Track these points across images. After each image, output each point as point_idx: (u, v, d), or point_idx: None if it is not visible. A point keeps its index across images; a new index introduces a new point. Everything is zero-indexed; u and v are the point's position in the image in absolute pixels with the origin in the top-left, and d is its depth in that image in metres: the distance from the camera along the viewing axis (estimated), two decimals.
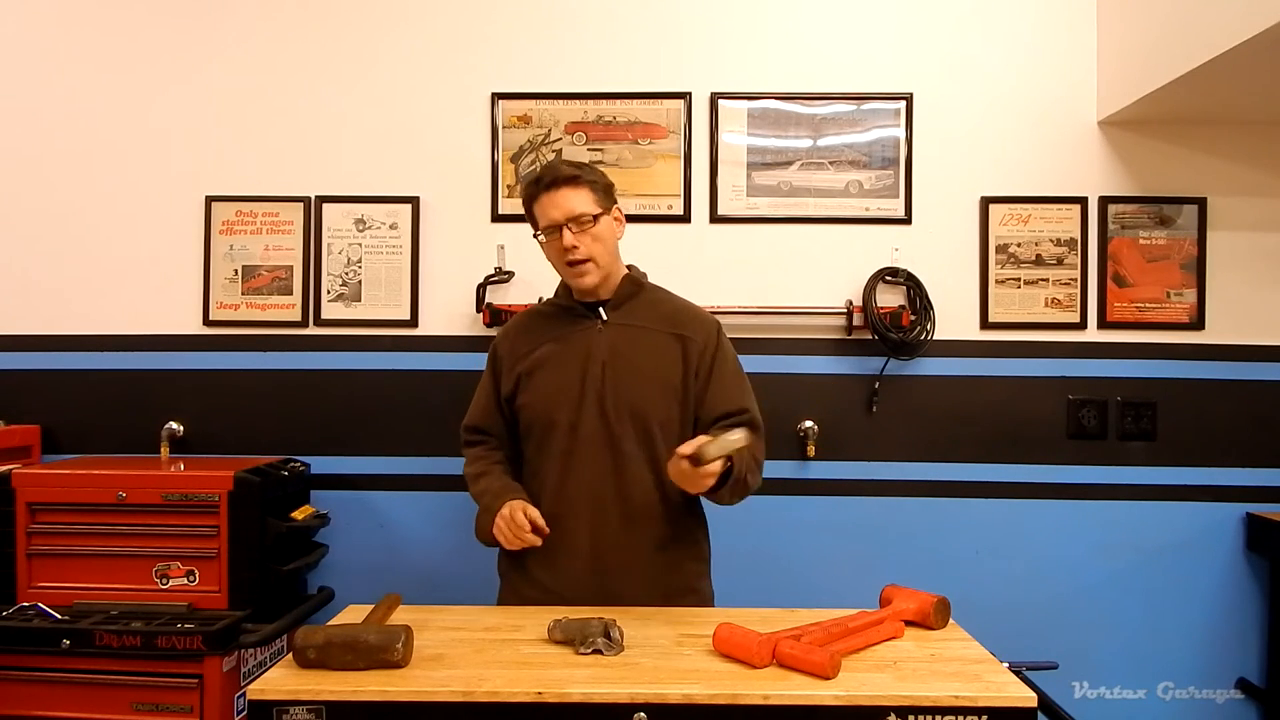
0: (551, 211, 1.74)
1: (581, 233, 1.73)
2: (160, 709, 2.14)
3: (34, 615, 2.18)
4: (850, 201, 2.63)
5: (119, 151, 2.67)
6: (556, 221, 1.73)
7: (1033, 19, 2.62)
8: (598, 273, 1.76)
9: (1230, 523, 2.61)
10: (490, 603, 1.85)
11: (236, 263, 2.66)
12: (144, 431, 2.61)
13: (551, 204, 1.74)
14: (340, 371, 2.64)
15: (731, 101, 2.63)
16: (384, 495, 2.65)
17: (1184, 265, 2.61)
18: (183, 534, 2.25)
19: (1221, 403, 2.60)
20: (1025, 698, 1.28)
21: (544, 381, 1.79)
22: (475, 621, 1.60)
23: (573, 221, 1.72)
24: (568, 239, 1.72)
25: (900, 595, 1.60)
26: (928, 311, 2.57)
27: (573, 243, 1.72)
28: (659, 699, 1.26)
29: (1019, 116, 2.62)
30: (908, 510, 2.61)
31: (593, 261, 1.75)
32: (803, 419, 2.61)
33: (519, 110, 2.64)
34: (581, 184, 1.75)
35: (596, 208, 1.75)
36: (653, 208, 2.60)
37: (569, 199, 1.73)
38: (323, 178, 2.66)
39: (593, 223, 1.74)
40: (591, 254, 1.74)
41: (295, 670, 1.35)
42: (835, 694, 1.27)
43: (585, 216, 1.73)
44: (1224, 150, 2.60)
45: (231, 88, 2.66)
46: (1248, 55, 1.99)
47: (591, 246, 1.74)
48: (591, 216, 1.74)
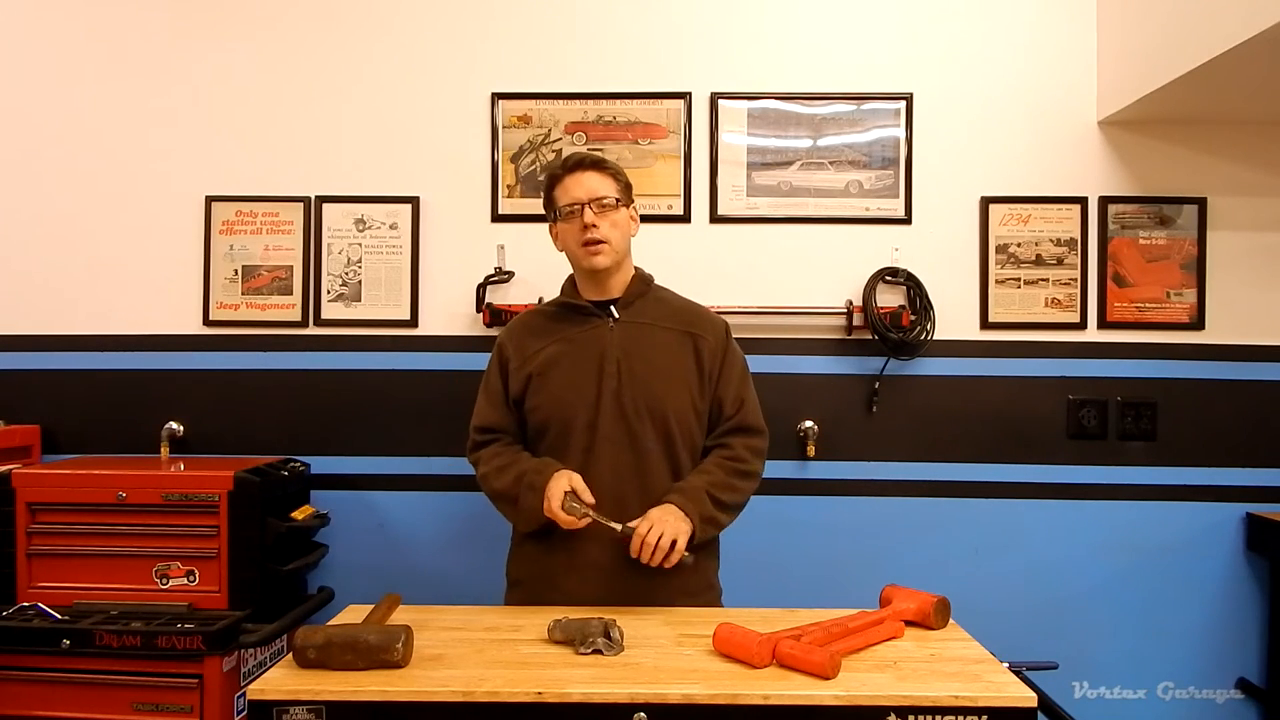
0: (575, 190, 1.78)
1: (602, 214, 1.77)
2: (160, 709, 2.14)
3: (34, 615, 2.18)
4: (850, 201, 2.63)
5: (119, 151, 2.66)
6: (579, 200, 1.77)
7: (1033, 19, 2.62)
8: (611, 255, 1.78)
9: (1230, 523, 2.61)
10: (490, 603, 1.84)
11: (236, 263, 2.66)
12: (144, 431, 2.61)
13: (576, 183, 1.78)
14: (340, 371, 2.64)
15: (731, 101, 2.63)
16: (384, 495, 2.65)
17: (1184, 265, 2.61)
18: (183, 534, 2.24)
19: (1221, 403, 2.60)
20: (1025, 698, 1.28)
21: (557, 381, 1.79)
22: (475, 621, 1.60)
23: (595, 201, 1.76)
24: (588, 216, 1.76)
25: (900, 595, 1.60)
26: (928, 311, 2.57)
27: (593, 220, 1.76)
28: (659, 699, 1.26)
29: (1019, 116, 2.62)
30: (908, 510, 2.61)
31: (608, 244, 1.77)
32: (803, 419, 2.61)
33: (519, 110, 2.64)
34: (607, 172, 1.81)
35: (619, 194, 1.80)
36: (653, 208, 2.61)
37: (594, 180, 1.79)
38: (323, 178, 2.66)
39: (614, 207, 1.78)
40: (608, 237, 1.77)
41: (295, 670, 1.35)
42: (835, 694, 1.27)
43: (608, 199, 1.77)
44: (1224, 150, 2.60)
45: (231, 88, 2.66)
46: (1248, 55, 1.99)
47: (609, 230, 1.77)
48: (614, 200, 1.78)
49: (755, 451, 1.85)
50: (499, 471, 1.80)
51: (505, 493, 1.78)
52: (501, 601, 1.88)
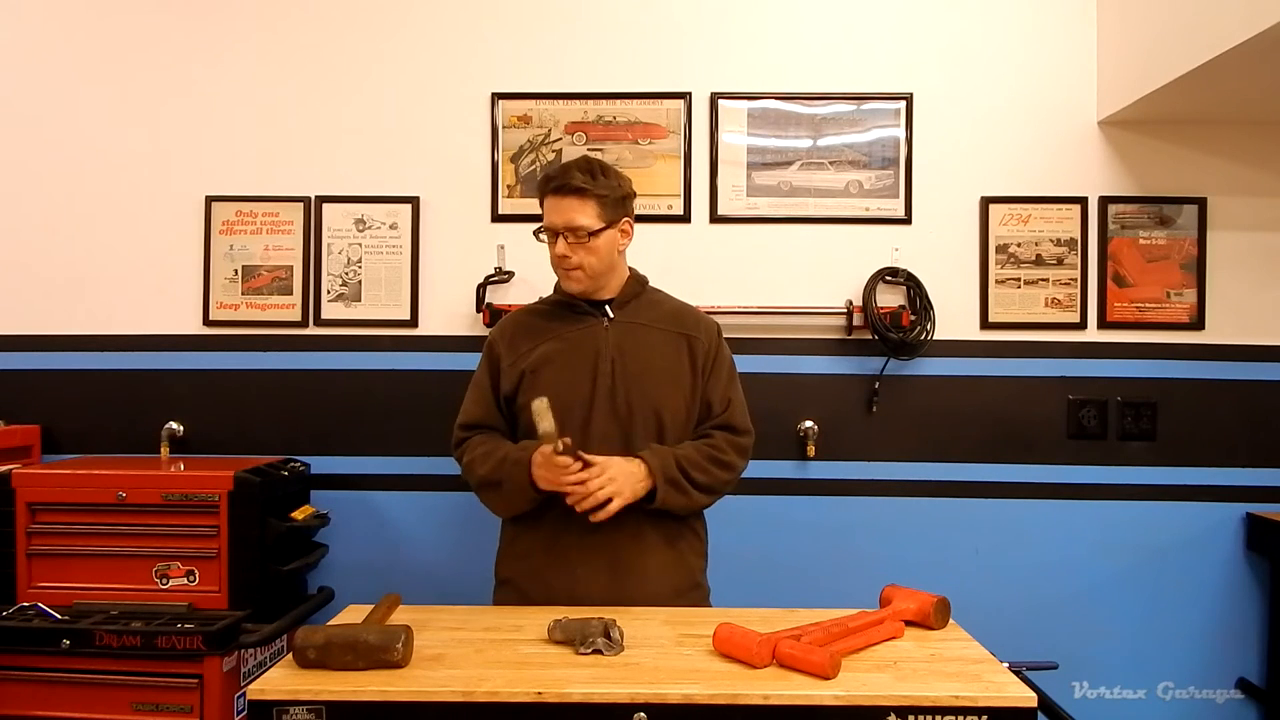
0: (552, 216, 1.77)
1: (576, 244, 1.76)
2: (160, 709, 2.14)
3: (34, 615, 2.18)
4: (850, 201, 2.63)
5: (119, 151, 2.66)
6: (555, 226, 1.77)
7: (1033, 19, 2.62)
8: (586, 280, 1.79)
9: (1230, 523, 2.61)
10: (490, 603, 1.85)
11: (236, 263, 2.66)
12: (144, 431, 2.61)
13: (554, 209, 1.77)
14: (340, 371, 2.64)
15: (731, 101, 2.63)
16: (384, 495, 2.65)
17: (1184, 265, 2.61)
18: (183, 534, 2.24)
19: (1221, 403, 2.60)
20: (1025, 698, 1.28)
21: (551, 380, 1.78)
22: (475, 621, 1.60)
23: (569, 232, 1.75)
24: (560, 248, 1.76)
25: (900, 595, 1.60)
26: (928, 311, 2.57)
27: (565, 252, 1.76)
28: (659, 699, 1.26)
29: (1019, 116, 2.62)
30: (908, 510, 2.61)
31: (582, 270, 1.78)
32: (803, 419, 2.61)
33: (519, 110, 2.64)
34: (589, 198, 1.75)
35: (599, 222, 1.76)
36: (653, 208, 2.61)
37: (571, 209, 1.75)
38: (323, 178, 2.66)
39: (588, 238, 1.76)
40: (582, 264, 1.77)
41: (295, 670, 1.35)
42: (835, 694, 1.27)
43: (582, 231, 1.75)
44: (1224, 150, 2.60)
45: (232, 88, 2.66)
46: (1248, 55, 1.99)
47: (585, 258, 1.77)
48: (589, 232, 1.75)
49: (737, 448, 1.83)
50: (483, 458, 1.78)
51: (488, 477, 1.77)
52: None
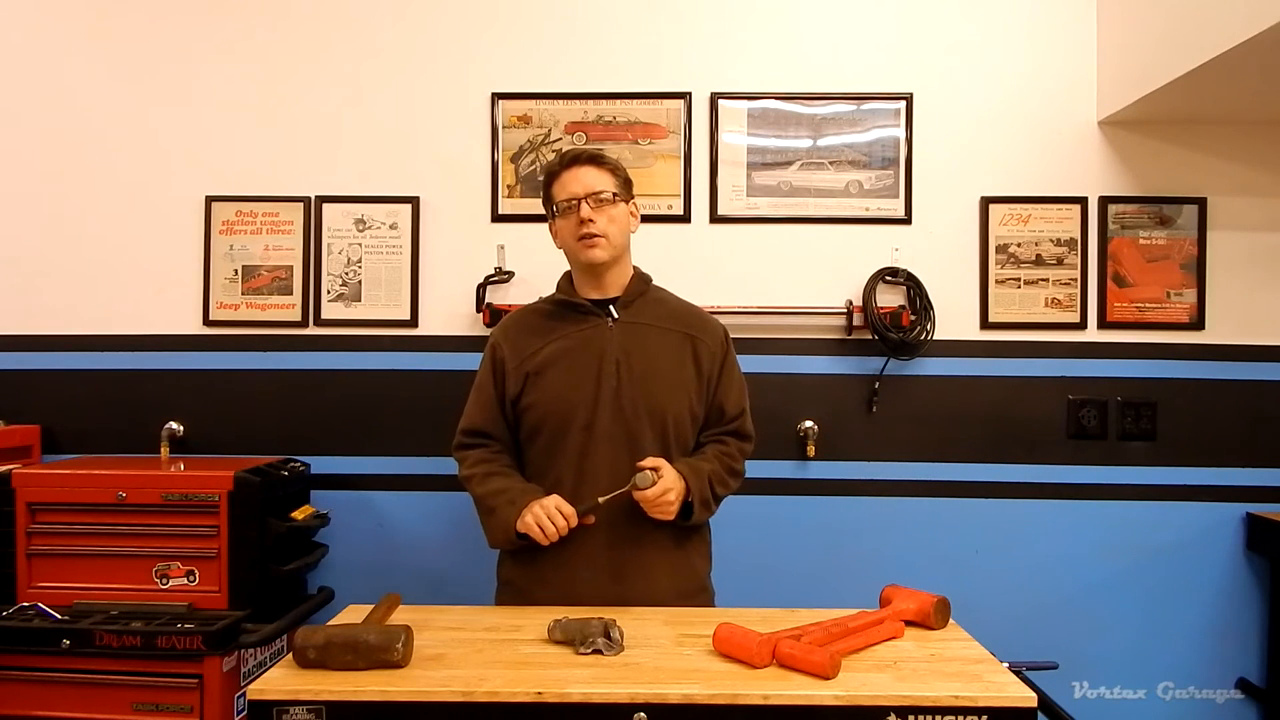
0: (572, 185, 1.77)
1: (599, 208, 1.76)
2: (160, 709, 2.14)
3: (34, 615, 2.18)
4: (850, 201, 2.63)
5: (119, 151, 2.66)
6: (576, 195, 1.76)
7: (1033, 19, 2.62)
8: (609, 249, 1.77)
9: (1230, 523, 2.61)
10: (490, 603, 1.85)
11: (236, 263, 2.66)
12: (144, 431, 2.61)
13: (573, 178, 1.77)
14: (340, 371, 2.64)
15: (731, 101, 2.63)
16: (384, 495, 2.65)
17: (1184, 265, 2.61)
18: (183, 534, 2.24)
19: (1221, 403, 2.60)
20: (1025, 698, 1.28)
21: (556, 380, 1.77)
22: (475, 621, 1.60)
23: (592, 196, 1.75)
24: (585, 211, 1.75)
25: (900, 595, 1.60)
26: (928, 311, 2.57)
27: (589, 215, 1.75)
28: (659, 699, 1.26)
29: (1019, 116, 2.62)
30: (908, 510, 2.61)
31: (605, 238, 1.76)
32: (803, 419, 2.61)
33: (519, 110, 2.64)
34: (604, 167, 1.80)
35: (616, 189, 1.79)
36: (653, 208, 2.61)
37: (591, 175, 1.77)
38: (323, 178, 2.66)
39: (611, 201, 1.77)
40: (605, 231, 1.76)
41: (295, 670, 1.35)
42: (835, 694, 1.27)
43: (605, 193, 1.76)
44: (1224, 150, 2.60)
45: (232, 87, 2.66)
46: (1248, 55, 1.99)
47: (606, 225, 1.76)
48: (611, 194, 1.77)
49: (746, 456, 1.88)
50: (480, 478, 1.79)
51: (482, 499, 1.78)
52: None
